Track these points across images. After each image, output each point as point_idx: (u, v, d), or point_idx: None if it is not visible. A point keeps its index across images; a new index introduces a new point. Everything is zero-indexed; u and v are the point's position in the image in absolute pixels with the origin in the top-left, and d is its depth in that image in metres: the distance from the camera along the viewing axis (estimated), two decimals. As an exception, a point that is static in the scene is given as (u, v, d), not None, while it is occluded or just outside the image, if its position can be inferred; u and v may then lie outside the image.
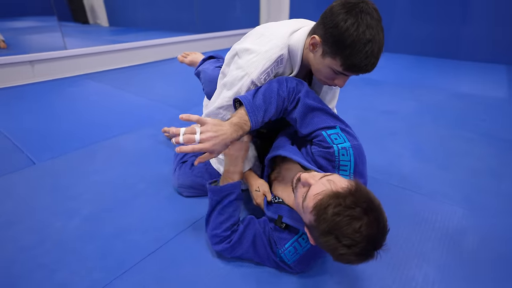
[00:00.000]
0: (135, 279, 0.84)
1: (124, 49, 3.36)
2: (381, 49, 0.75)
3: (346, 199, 0.59)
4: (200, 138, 0.73)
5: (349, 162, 0.80)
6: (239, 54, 0.92)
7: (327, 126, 0.84)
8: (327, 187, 0.63)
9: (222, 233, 0.85)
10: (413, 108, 2.15)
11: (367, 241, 0.58)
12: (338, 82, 0.84)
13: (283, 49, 0.88)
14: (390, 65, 3.46)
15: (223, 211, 0.86)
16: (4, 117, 1.96)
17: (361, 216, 0.58)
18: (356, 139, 0.84)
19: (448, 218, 1.08)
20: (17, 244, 0.95)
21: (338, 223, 0.58)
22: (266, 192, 0.94)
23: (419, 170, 1.38)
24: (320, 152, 0.83)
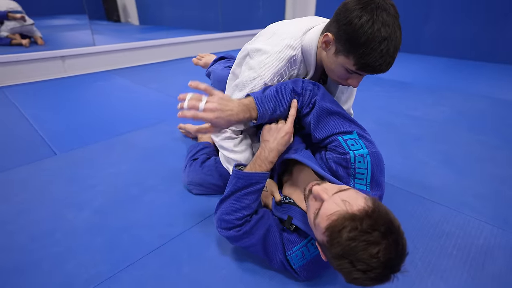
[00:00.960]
0: (137, 274, 0.84)
1: (149, 46, 3.45)
2: (398, 48, 0.69)
3: (363, 222, 0.53)
4: (204, 107, 0.70)
5: (366, 170, 0.74)
6: (251, 55, 0.89)
7: (344, 131, 0.78)
8: (341, 208, 0.57)
9: (234, 221, 0.78)
10: (444, 114, 2.01)
11: (384, 266, 0.52)
12: (351, 82, 0.80)
13: (296, 49, 0.84)
14: (423, 68, 3.29)
15: (243, 198, 0.78)
16: (34, 108, 2.06)
17: (378, 241, 0.52)
18: (374, 146, 0.78)
19: (473, 234, 0.99)
20: (28, 233, 0.99)
21: (354, 248, 0.53)
22: (274, 192, 0.91)
23: (444, 179, 1.28)
24: (335, 158, 0.77)
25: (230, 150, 0.94)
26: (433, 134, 1.70)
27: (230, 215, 0.78)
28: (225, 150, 0.96)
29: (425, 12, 3.80)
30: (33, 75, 2.70)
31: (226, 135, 0.93)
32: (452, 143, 1.60)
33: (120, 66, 3.22)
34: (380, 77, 2.85)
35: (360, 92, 2.42)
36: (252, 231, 0.79)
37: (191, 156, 1.24)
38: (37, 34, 3.51)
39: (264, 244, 0.79)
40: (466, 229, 1.01)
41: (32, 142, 1.59)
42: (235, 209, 0.78)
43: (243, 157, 0.95)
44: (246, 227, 0.78)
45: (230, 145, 0.94)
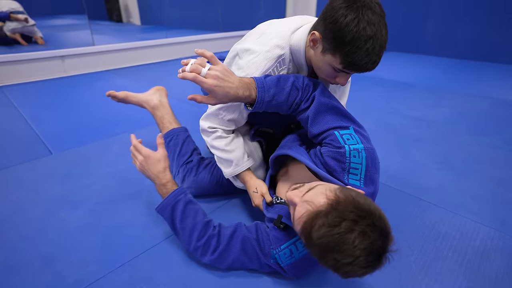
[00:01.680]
0: (127, 275, 0.83)
1: (149, 46, 3.45)
2: (384, 47, 0.70)
3: (328, 216, 0.54)
4: (206, 73, 0.70)
5: (361, 165, 0.74)
6: (240, 55, 0.89)
7: (340, 126, 0.78)
8: (307, 209, 0.58)
9: (198, 244, 0.80)
10: (444, 114, 1.99)
11: (367, 253, 0.52)
12: (339, 80, 0.80)
13: (285, 49, 0.84)
14: (424, 68, 3.27)
15: (183, 224, 0.81)
16: (32, 108, 2.06)
17: (351, 229, 0.52)
18: (370, 142, 0.78)
19: (470, 236, 0.97)
20: (21, 231, 0.98)
21: (328, 245, 0.53)
22: (264, 194, 0.90)
23: (442, 181, 1.27)
24: (330, 152, 0.76)
25: (222, 150, 0.94)
26: (432, 135, 1.69)
27: (191, 243, 0.81)
28: (216, 150, 0.95)
29: (425, 12, 3.78)
30: (33, 75, 2.71)
31: (217, 134, 0.93)
32: (451, 144, 1.59)
33: (120, 66, 3.22)
34: (380, 77, 2.84)
35: (359, 93, 2.42)
36: (229, 247, 0.80)
37: (180, 158, 1.17)
38: (38, 34, 3.52)
39: (245, 254, 0.80)
40: (462, 231, 0.99)
41: (29, 141, 1.59)
42: (188, 236, 0.81)
43: (234, 156, 0.94)
44: (221, 246, 0.80)
45: (222, 144, 0.93)
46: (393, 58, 3.75)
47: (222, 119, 0.91)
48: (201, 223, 0.81)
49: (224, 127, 0.92)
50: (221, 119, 0.91)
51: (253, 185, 0.94)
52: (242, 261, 0.80)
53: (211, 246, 0.79)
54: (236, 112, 0.90)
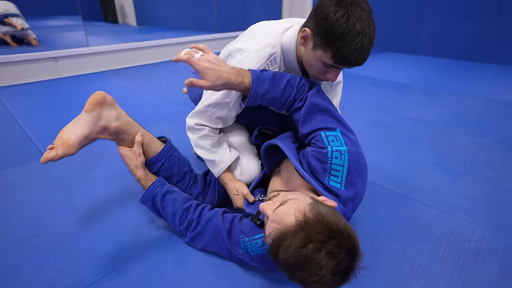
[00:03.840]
0: (119, 281, 0.82)
1: (144, 47, 3.43)
2: (372, 43, 0.73)
3: (296, 237, 0.54)
4: (199, 57, 0.75)
5: (342, 168, 0.74)
6: (232, 54, 0.92)
7: (327, 127, 0.79)
8: (276, 227, 0.59)
9: (181, 228, 0.89)
10: (440, 115, 1.99)
11: (333, 272, 0.52)
12: (329, 76, 0.81)
13: (276, 47, 0.86)
14: (420, 68, 3.28)
15: (164, 213, 0.90)
16: (25, 110, 2.04)
17: (317, 250, 0.52)
18: (357, 146, 0.77)
19: (465, 237, 0.97)
20: (12, 236, 0.96)
21: (295, 265, 0.54)
22: (246, 195, 0.93)
23: (438, 182, 1.27)
24: (313, 152, 0.78)
25: (207, 149, 0.94)
26: (429, 136, 1.69)
27: (176, 227, 0.91)
28: (201, 149, 0.95)
29: (421, 13, 3.80)
30: (26, 76, 2.68)
31: (204, 133, 0.93)
32: (447, 145, 1.59)
33: (115, 67, 3.20)
34: (376, 78, 2.84)
35: (354, 92, 2.42)
36: (203, 232, 0.87)
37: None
38: (31, 36, 3.48)
39: (216, 242, 0.85)
40: (457, 233, 0.99)
41: (21, 144, 1.57)
42: (172, 222, 0.91)
43: (219, 157, 0.94)
44: (198, 229, 0.87)
45: (207, 144, 0.94)
46: (389, 58, 3.77)
47: (210, 117, 0.91)
48: (180, 210, 0.88)
49: (212, 125, 0.93)
50: (209, 117, 0.91)
51: (233, 188, 0.95)
52: (213, 247, 0.86)
53: (190, 228, 0.88)
54: (225, 109, 0.90)
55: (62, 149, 0.86)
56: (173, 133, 1.70)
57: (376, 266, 0.86)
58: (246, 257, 0.81)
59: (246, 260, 0.81)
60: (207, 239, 0.86)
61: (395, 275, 0.84)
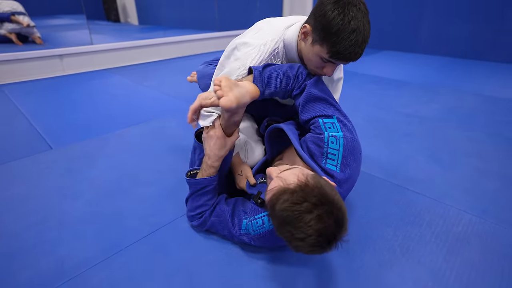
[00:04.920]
0: (124, 260, 0.87)
1: (146, 45, 3.49)
2: (366, 40, 0.78)
3: (294, 194, 0.61)
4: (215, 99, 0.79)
5: (338, 152, 0.80)
6: (238, 47, 0.97)
7: (325, 115, 0.85)
8: (278, 183, 0.66)
9: (195, 216, 0.94)
10: (436, 111, 2.04)
11: (318, 234, 0.58)
12: (326, 70, 0.87)
13: (278, 43, 0.93)
14: (419, 66, 3.32)
15: (199, 198, 0.93)
16: (32, 106, 2.10)
17: (310, 210, 0.59)
18: (352, 132, 0.84)
19: (452, 223, 1.02)
20: (23, 221, 1.02)
21: (286, 218, 0.60)
22: (248, 177, 0.98)
23: (429, 173, 1.32)
24: (312, 137, 0.84)
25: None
26: (423, 131, 1.74)
27: (192, 211, 0.95)
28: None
29: (419, 11, 3.84)
30: (32, 74, 2.75)
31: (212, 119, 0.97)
32: (440, 139, 1.64)
33: (118, 65, 3.27)
34: (375, 75, 2.89)
35: (353, 89, 2.47)
36: (210, 217, 0.93)
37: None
38: (36, 34, 3.54)
39: (220, 223, 0.91)
40: (446, 218, 1.04)
41: (29, 137, 1.63)
42: (194, 207, 0.94)
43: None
44: (205, 216, 0.93)
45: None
46: (388, 56, 3.81)
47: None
48: (208, 206, 0.93)
49: (218, 111, 0.97)
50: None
51: (238, 169, 1.01)
52: (217, 228, 0.92)
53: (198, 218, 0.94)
54: None
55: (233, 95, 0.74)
56: (175, 128, 1.76)
57: (366, 247, 0.92)
58: (246, 238, 0.87)
59: (247, 240, 0.87)
60: (212, 222, 0.92)
61: (385, 256, 0.89)
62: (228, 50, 1.03)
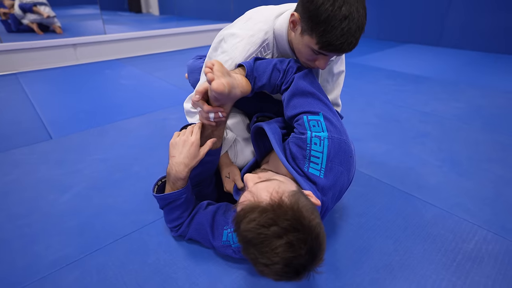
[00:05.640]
0: (101, 260, 0.84)
1: (159, 35, 3.46)
2: (361, 28, 0.68)
3: (263, 214, 0.51)
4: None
5: (322, 154, 0.70)
6: (225, 39, 0.90)
7: (310, 111, 0.75)
8: (249, 198, 0.57)
9: (173, 228, 0.88)
10: (457, 110, 1.87)
11: (284, 264, 0.50)
12: (319, 63, 0.77)
13: (268, 33, 0.84)
14: (443, 61, 3.09)
15: (171, 212, 0.84)
16: (42, 95, 2.12)
17: (279, 235, 0.50)
18: (341, 133, 0.73)
19: (463, 239, 0.90)
20: (8, 212, 1.01)
21: (251, 240, 0.51)
22: (236, 180, 0.91)
23: (442, 179, 1.19)
24: (293, 138, 0.76)
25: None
26: (441, 131, 1.59)
27: (168, 223, 0.88)
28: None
29: (447, 2, 3.56)
30: (47, 62, 2.79)
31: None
32: (459, 141, 1.49)
33: (131, 55, 3.26)
34: (394, 71, 2.71)
35: (367, 85, 2.32)
36: (189, 229, 0.86)
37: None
38: (57, 24, 3.62)
39: (199, 235, 0.84)
40: (456, 233, 0.93)
41: (32, 126, 1.63)
42: (169, 220, 0.87)
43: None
44: (182, 228, 0.86)
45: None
46: (409, 50, 3.57)
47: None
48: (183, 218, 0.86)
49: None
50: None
51: (226, 171, 0.93)
52: (196, 238, 0.86)
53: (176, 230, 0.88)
54: None
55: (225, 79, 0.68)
56: (177, 121, 1.72)
57: (360, 262, 0.82)
58: (227, 250, 0.79)
59: (228, 252, 0.79)
60: (190, 234, 0.86)
61: (380, 273, 0.79)
62: (215, 42, 0.96)
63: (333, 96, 1.03)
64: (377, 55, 3.32)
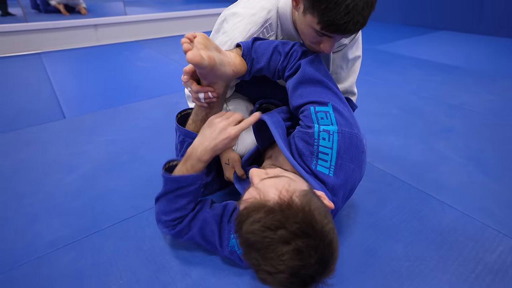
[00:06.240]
0: (97, 243, 0.83)
1: (179, 17, 3.43)
2: (371, 5, 0.58)
3: (270, 215, 0.45)
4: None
5: (331, 150, 0.63)
6: (227, 19, 0.83)
7: (318, 101, 0.67)
8: (255, 195, 0.50)
9: (169, 222, 0.72)
10: (489, 104, 1.70)
11: (291, 272, 0.43)
12: (324, 46, 0.69)
13: (271, 12, 0.76)
14: (479, 50, 2.84)
15: (176, 200, 0.71)
16: (61, 74, 2.16)
17: (286, 241, 0.43)
18: (351, 126, 0.65)
19: (486, 248, 0.81)
20: (14, 191, 1.02)
21: (254, 244, 0.45)
22: (235, 167, 0.85)
23: (466, 179, 1.08)
24: (299, 132, 0.68)
25: None
26: (468, 126, 1.45)
27: (164, 215, 0.72)
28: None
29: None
30: (69, 43, 2.83)
31: None
32: (489, 138, 1.35)
33: (150, 37, 3.25)
34: (421, 59, 2.52)
35: (393, 75, 2.17)
36: (190, 227, 0.72)
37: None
38: (82, 5, 3.67)
39: (203, 236, 0.72)
40: (478, 240, 0.84)
41: (48, 105, 1.66)
42: (169, 211, 0.71)
43: None
44: (183, 224, 0.72)
45: None
46: (442, 37, 3.31)
47: None
48: (187, 210, 0.72)
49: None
50: None
51: (225, 157, 0.88)
52: (198, 240, 0.73)
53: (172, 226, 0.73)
54: None
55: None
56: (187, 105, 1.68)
57: (365, 265, 0.76)
58: (233, 256, 0.72)
59: (234, 259, 0.72)
60: (192, 234, 0.73)
61: (387, 279, 0.73)
62: (218, 22, 0.89)
63: (348, 83, 0.94)
64: (404, 42, 3.10)
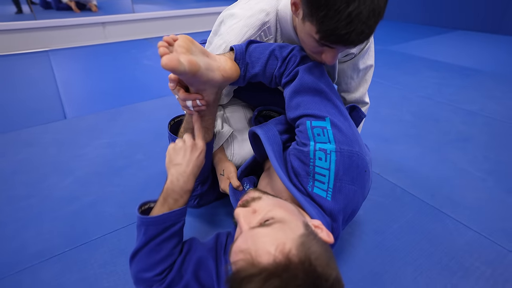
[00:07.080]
0: (85, 256, 0.79)
1: (187, 15, 3.38)
2: (378, 13, 0.50)
3: (266, 283, 0.38)
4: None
5: (328, 172, 0.56)
6: (225, 21, 0.77)
7: (314, 115, 0.60)
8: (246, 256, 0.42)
9: (155, 278, 0.58)
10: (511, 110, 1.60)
11: None
12: (325, 57, 0.61)
13: (270, 15, 0.69)
14: (501, 51, 2.70)
15: (161, 247, 0.59)
16: (67, 73, 2.15)
17: None
18: (351, 144, 0.58)
19: (506, 277, 0.74)
20: (9, 193, 1.00)
21: None
22: (230, 177, 0.79)
23: (484, 196, 1.00)
24: (294, 149, 0.62)
25: None
26: (488, 136, 1.36)
27: (148, 272, 0.58)
28: None
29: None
30: (77, 40, 2.83)
31: None
32: (511, 149, 1.26)
33: (158, 35, 3.22)
34: (438, 61, 2.41)
35: (407, 77, 2.07)
36: (181, 273, 0.60)
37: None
38: (93, 2, 3.68)
39: (198, 279, 0.61)
40: (496, 267, 0.76)
41: (50, 105, 1.64)
42: (154, 263, 0.59)
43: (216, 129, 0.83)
44: (172, 274, 0.59)
45: None
46: (461, 38, 3.16)
47: None
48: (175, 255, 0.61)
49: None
50: None
51: (220, 168, 0.83)
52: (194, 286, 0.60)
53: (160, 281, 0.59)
54: None
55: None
56: (190, 106, 1.64)
57: (368, 292, 0.70)
58: None
59: None
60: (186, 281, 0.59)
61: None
62: (216, 24, 0.83)
63: (358, 94, 0.87)
64: (420, 42, 2.98)
